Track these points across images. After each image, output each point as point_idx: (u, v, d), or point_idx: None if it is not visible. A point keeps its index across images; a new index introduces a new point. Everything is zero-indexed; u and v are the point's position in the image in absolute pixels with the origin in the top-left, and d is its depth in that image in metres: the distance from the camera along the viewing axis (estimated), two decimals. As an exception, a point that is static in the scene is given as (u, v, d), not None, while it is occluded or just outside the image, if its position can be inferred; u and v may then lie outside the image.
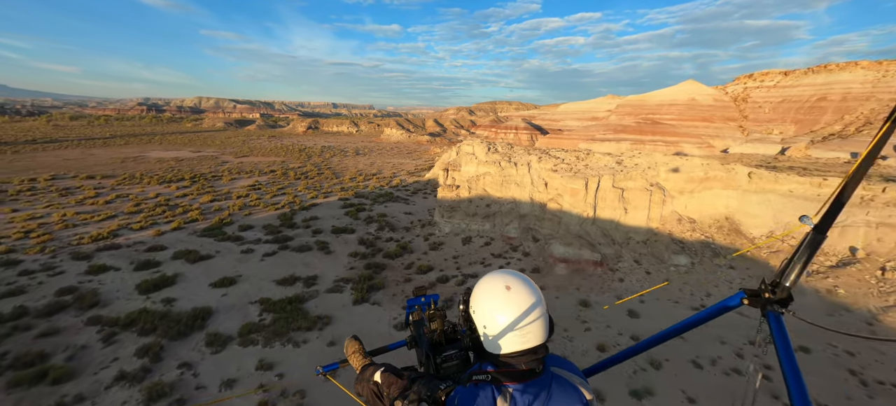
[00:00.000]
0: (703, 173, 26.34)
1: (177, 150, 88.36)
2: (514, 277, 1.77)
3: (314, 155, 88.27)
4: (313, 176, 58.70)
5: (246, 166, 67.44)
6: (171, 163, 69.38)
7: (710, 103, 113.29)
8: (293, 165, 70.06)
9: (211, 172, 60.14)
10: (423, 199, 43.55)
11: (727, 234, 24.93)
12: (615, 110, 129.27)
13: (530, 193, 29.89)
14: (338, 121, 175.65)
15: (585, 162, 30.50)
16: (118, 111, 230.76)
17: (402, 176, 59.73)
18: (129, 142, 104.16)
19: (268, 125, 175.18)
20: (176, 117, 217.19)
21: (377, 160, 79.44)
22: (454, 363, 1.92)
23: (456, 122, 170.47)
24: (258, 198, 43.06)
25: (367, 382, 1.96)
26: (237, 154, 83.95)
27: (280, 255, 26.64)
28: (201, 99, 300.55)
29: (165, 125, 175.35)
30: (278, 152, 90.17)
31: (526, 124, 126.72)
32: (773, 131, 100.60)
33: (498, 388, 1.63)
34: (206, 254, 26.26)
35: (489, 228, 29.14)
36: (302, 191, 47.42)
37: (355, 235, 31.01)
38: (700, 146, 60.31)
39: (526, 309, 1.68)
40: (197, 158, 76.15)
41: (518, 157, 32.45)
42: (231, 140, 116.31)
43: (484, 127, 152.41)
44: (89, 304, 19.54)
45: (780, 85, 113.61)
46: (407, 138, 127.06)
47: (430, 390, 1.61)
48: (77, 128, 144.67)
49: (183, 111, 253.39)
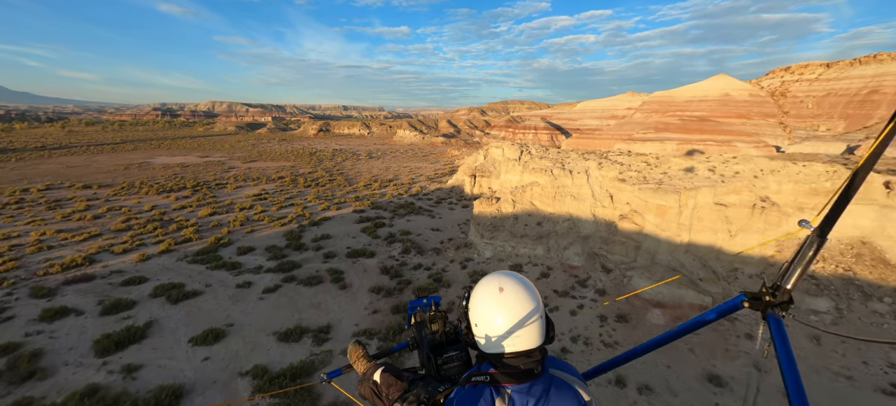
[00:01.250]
0: (829, 183, 19.97)
1: (184, 156, 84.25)
2: (509, 279, 1.76)
3: (325, 159, 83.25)
4: (324, 183, 53.40)
5: (253, 172, 62.56)
6: (176, 169, 64.94)
7: (745, 98, 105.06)
8: (303, 171, 64.99)
9: (215, 180, 55.32)
10: (450, 211, 37.73)
11: (870, 265, 18.54)
12: (641, 108, 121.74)
13: (591, 209, 23.83)
14: (349, 123, 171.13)
15: (662, 169, 24.27)
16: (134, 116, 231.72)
17: (421, 182, 54.07)
18: (138, 147, 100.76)
19: (279, 128, 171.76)
20: (189, 122, 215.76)
21: (392, 164, 73.87)
22: (455, 365, 1.90)
23: (469, 123, 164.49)
24: (263, 210, 37.77)
25: (367, 382, 1.97)
26: (245, 159, 79.35)
27: (284, 290, 21.08)
28: (214, 103, 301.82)
29: (177, 130, 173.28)
30: (288, 156, 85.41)
31: (545, 124, 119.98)
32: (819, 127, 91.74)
33: (496, 390, 1.60)
34: (192, 289, 20.85)
35: (542, 253, 23.15)
36: (312, 201, 42.04)
37: (376, 260, 25.34)
38: (757, 145, 53.39)
39: (519, 311, 1.66)
40: (203, 164, 71.69)
41: (573, 164, 26.39)
42: (241, 144, 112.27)
43: (499, 127, 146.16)
44: (24, 375, 14.19)
45: (822, 78, 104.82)
46: (420, 140, 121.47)
47: (429, 393, 1.61)
48: (90, 133, 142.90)
49: (196, 115, 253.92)
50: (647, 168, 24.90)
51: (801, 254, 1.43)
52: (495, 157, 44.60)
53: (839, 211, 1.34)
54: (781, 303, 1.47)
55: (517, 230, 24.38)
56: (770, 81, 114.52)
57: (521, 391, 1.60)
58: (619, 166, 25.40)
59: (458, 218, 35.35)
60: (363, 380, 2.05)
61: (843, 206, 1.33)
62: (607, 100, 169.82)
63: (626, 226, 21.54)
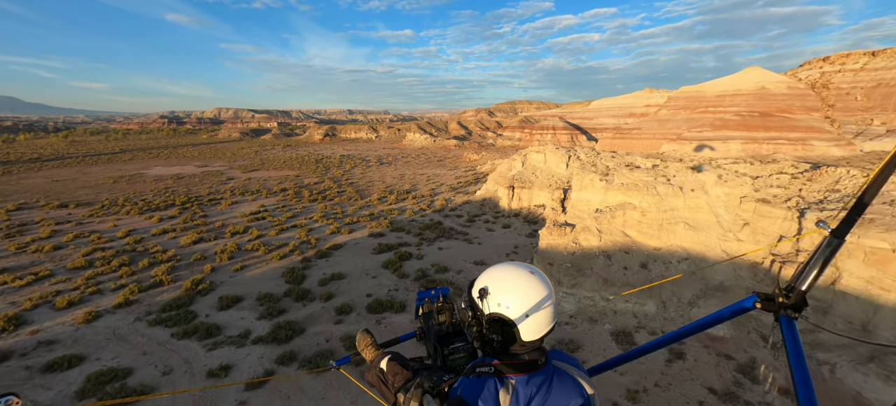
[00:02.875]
0: None
1: (182, 165, 77.70)
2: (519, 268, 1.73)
3: (332, 166, 76.19)
4: (332, 196, 46.16)
5: (253, 184, 55.58)
6: (169, 181, 58.20)
7: (783, 92, 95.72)
8: (309, 180, 57.87)
9: (209, 194, 48.40)
10: (490, 233, 30.22)
11: None
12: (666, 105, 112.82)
13: (720, 243, 16.26)
14: (355, 127, 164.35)
15: (824, 183, 16.57)
16: (141, 125, 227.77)
17: (443, 192, 46.67)
18: (137, 156, 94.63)
19: (284, 134, 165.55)
20: (194, 129, 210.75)
21: (407, 171, 66.46)
22: (461, 355, 1.90)
23: (480, 124, 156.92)
24: (259, 235, 30.57)
25: (374, 370, 1.97)
26: (246, 168, 72.50)
27: (276, 386, 13.75)
28: (220, 110, 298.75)
29: (181, 137, 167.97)
30: (292, 164, 78.48)
31: (564, 124, 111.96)
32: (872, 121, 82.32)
33: (500, 380, 1.59)
34: (139, 384, 13.62)
35: (655, 311, 15.62)
36: (318, 221, 34.77)
37: (406, 316, 17.97)
38: (837, 144, 45.54)
39: (531, 298, 1.64)
40: (200, 175, 64.93)
41: (682, 177, 18.74)
42: (243, 151, 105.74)
43: (512, 128, 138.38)
44: None
45: (868, 67, 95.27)
46: (432, 143, 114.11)
47: (433, 382, 1.61)
48: (92, 143, 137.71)
49: (202, 122, 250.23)
50: (794, 181, 17.24)
51: (817, 255, 1.37)
52: (535, 164, 37.14)
53: (857, 214, 1.32)
54: (795, 304, 1.39)
55: (611, 274, 16.80)
56: (808, 73, 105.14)
57: (524, 382, 1.59)
58: (749, 180, 17.74)
59: (504, 242, 27.86)
60: (371, 367, 2.02)
61: (862, 209, 1.30)
62: (623, 97, 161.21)
63: (794, 274, 13.92)
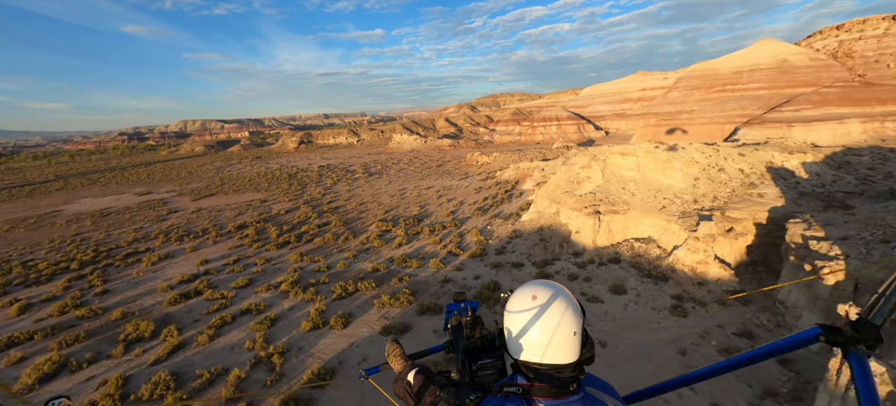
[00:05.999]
0: None
1: (118, 194, 61.04)
2: (543, 287, 1.64)
3: (310, 182, 61.24)
4: (311, 234, 31.92)
5: (202, 218, 40.47)
6: (87, 222, 42.30)
7: (806, 63, 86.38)
8: (278, 208, 43.14)
9: (133, 242, 33.34)
10: (597, 307, 16.91)
11: None
12: (676, 85, 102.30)
13: None
14: (333, 131, 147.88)
15: None
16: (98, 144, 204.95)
17: (471, 218, 32.99)
18: (69, 184, 76.66)
19: (255, 144, 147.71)
20: (156, 145, 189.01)
21: (406, 184, 52.16)
22: (490, 372, 1.84)
23: (470, 120, 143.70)
24: (178, 345, 16.39)
25: (402, 382, 1.95)
26: (200, 193, 56.67)
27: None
28: (187, 122, 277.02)
29: (137, 155, 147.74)
30: (260, 183, 63.03)
31: (569, 113, 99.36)
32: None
33: (528, 402, 1.51)
34: None
35: None
36: (290, 294, 20.67)
37: None
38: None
39: (555, 322, 1.54)
40: (136, 207, 49.00)
41: None
42: (203, 169, 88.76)
43: (504, 121, 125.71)
44: None
45: (892, 32, 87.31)
46: (422, 144, 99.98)
47: (458, 399, 1.58)
48: (29, 169, 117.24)
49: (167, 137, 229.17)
50: None
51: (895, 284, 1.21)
52: (621, 173, 24.15)
53: None
54: (867, 340, 1.18)
55: None
56: (824, 42, 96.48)
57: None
58: None
59: (650, 339, 14.77)
60: (398, 379, 2.00)
61: None
62: (615, 82, 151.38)
63: None
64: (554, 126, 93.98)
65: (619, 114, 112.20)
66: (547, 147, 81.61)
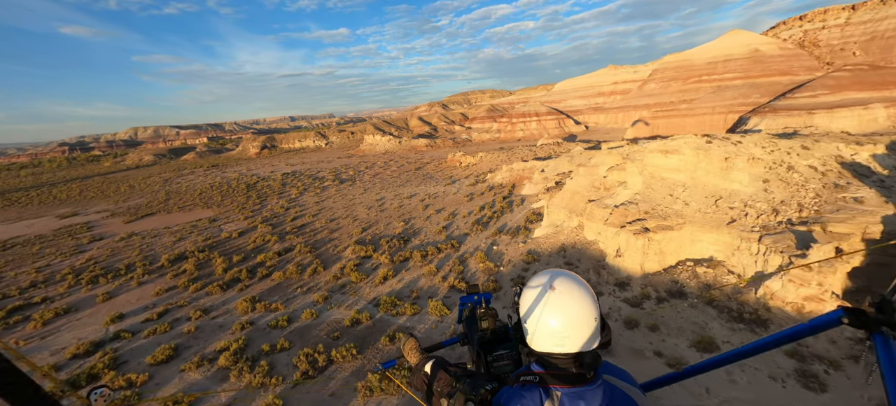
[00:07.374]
0: None
1: (35, 218, 50.51)
2: (562, 277, 1.60)
3: (271, 193, 53.29)
4: (269, 267, 25.01)
5: (130, 247, 32.26)
6: (-24, 261, 32.92)
7: (777, 53, 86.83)
8: (231, 229, 35.49)
9: (26, 290, 25.02)
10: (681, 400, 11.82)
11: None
12: (652, 77, 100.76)
13: None
14: (299, 134, 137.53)
15: None
16: (33, 156, 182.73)
17: (470, 235, 27.00)
18: (-23, 208, 64.02)
19: (212, 151, 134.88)
20: (99, 156, 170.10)
21: (384, 192, 45.56)
22: (505, 363, 1.83)
23: (445, 118, 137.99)
24: None
25: (418, 374, 1.96)
26: (137, 212, 47.48)
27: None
28: (137, 129, 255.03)
29: (75, 168, 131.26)
30: (212, 196, 54.30)
31: (549, 109, 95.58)
32: (881, 76, 74.01)
33: (545, 391, 1.48)
34: None
35: None
36: (232, 371, 14.12)
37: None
38: None
39: (571, 310, 1.51)
40: (51, 235, 39.56)
41: None
42: (148, 182, 77.76)
43: (480, 119, 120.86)
44: None
45: (853, 22, 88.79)
46: (397, 145, 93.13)
47: (474, 389, 1.58)
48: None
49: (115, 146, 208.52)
50: None
51: None
52: (664, 176, 19.17)
53: None
54: (892, 321, 1.14)
55: None
56: (789, 32, 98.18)
57: (571, 395, 1.48)
58: None
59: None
60: (415, 371, 2.01)
61: None
62: (586, 77, 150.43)
63: None
64: (534, 122, 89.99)
65: (594, 108, 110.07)
66: (530, 144, 77.28)
